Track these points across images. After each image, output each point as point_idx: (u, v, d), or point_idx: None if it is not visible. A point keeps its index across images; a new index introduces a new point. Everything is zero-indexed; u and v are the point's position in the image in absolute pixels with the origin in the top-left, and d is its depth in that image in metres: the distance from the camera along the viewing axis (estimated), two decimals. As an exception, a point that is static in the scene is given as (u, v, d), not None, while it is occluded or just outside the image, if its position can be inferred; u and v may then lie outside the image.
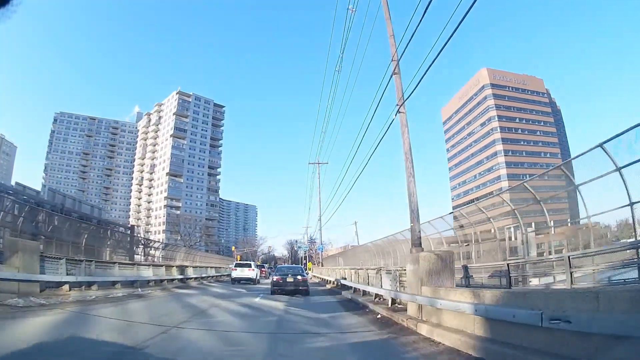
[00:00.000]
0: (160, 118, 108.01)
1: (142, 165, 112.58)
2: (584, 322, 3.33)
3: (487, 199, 13.83)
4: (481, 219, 12.59)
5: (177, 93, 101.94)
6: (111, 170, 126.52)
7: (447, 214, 14.12)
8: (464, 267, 11.66)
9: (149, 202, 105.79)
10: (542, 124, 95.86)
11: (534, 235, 11.37)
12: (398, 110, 9.13)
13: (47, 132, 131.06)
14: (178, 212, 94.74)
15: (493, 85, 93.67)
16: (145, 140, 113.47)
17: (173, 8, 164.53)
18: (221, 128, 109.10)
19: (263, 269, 40.17)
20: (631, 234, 7.68)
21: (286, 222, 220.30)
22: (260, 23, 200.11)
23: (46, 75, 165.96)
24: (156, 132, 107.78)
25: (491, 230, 12.16)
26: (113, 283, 13.86)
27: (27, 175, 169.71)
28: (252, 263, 28.36)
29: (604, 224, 8.75)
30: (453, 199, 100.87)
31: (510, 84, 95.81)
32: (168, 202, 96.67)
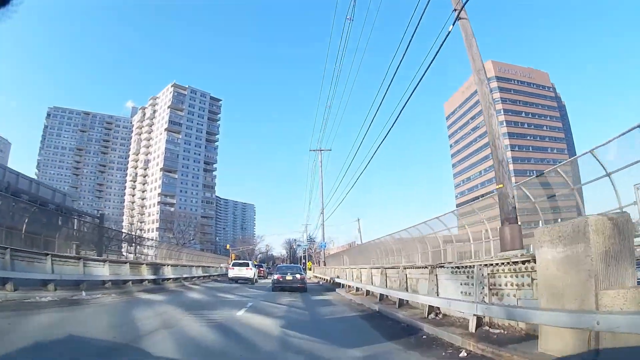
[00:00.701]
0: (155, 112, 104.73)
1: (136, 161, 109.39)
2: None
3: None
4: (492, 215, 11.32)
5: (172, 86, 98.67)
6: (105, 166, 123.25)
7: (455, 210, 13.26)
8: None
9: (143, 199, 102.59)
10: (549, 119, 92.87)
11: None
12: (458, 16, 6.14)
13: (41, 128, 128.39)
14: (172, 209, 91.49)
15: (498, 78, 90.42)
16: (139, 135, 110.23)
17: (170, 4, 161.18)
18: (217, 122, 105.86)
19: (261, 269, 39.93)
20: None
21: (285, 221, 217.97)
22: (256, 14, 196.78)
23: (40, 70, 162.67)
24: (150, 127, 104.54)
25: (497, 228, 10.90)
26: (45, 282, 10.62)
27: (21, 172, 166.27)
28: (250, 262, 27.89)
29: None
30: (457, 197, 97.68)
31: (516, 77, 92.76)
32: (162, 199, 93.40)
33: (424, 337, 6.16)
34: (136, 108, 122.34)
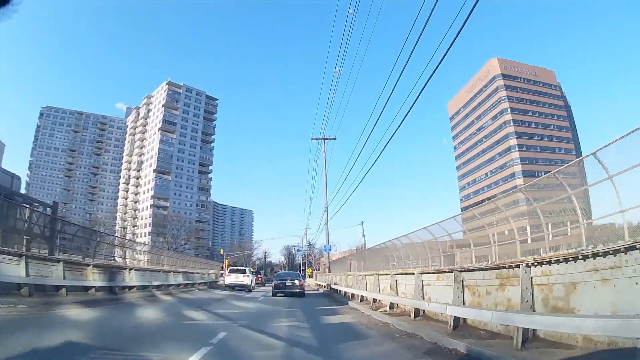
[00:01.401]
0: (149, 111, 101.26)
1: (130, 162, 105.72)
2: None
3: (505, 195, 11.80)
4: (498, 219, 10.60)
5: (167, 84, 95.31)
6: (98, 168, 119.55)
7: (457, 215, 12.79)
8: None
9: (136, 202, 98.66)
10: (556, 118, 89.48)
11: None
12: None
13: (34, 129, 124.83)
14: (166, 213, 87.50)
15: (504, 76, 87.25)
16: (133, 135, 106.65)
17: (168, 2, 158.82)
18: (214, 122, 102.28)
19: (259, 276, 38.78)
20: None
21: (283, 227, 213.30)
22: (254, 9, 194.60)
23: (33, 69, 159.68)
24: (144, 127, 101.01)
25: (505, 232, 10.64)
26: None
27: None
28: (247, 269, 27.11)
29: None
30: (462, 200, 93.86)
31: (521, 75, 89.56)
32: (155, 202, 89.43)
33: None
34: (131, 108, 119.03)
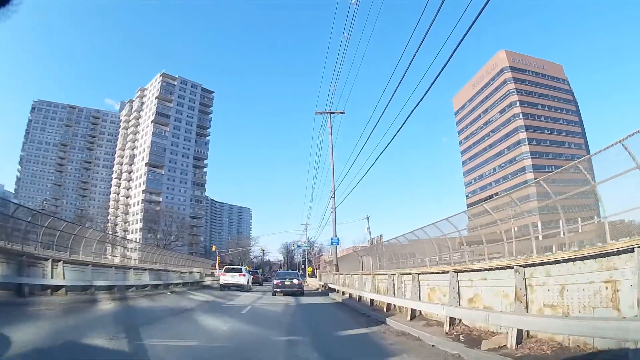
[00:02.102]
0: (142, 104, 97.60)
1: (122, 157, 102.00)
2: None
3: (517, 190, 10.80)
4: (508, 215, 10.07)
5: (161, 75, 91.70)
6: (90, 163, 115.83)
7: (464, 210, 12.01)
8: None
9: (127, 198, 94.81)
10: (565, 112, 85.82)
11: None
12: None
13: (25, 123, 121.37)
14: (158, 208, 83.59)
15: (513, 68, 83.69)
16: (126, 129, 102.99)
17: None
18: (210, 115, 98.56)
19: (256, 275, 38.03)
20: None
21: (282, 225, 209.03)
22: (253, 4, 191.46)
23: (27, 63, 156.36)
24: (137, 120, 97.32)
25: (515, 228, 9.89)
26: None
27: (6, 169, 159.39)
28: (243, 268, 26.87)
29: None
30: (467, 196, 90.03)
31: (530, 68, 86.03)
32: (146, 196, 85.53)
33: None
34: (124, 103, 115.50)
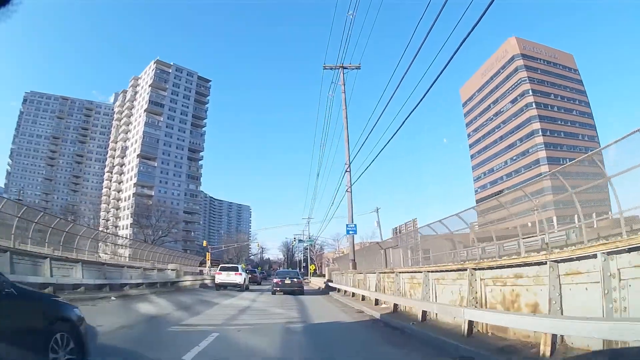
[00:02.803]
0: (136, 94, 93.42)
1: (115, 149, 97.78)
2: None
3: (530, 184, 11.09)
4: (521, 210, 10.34)
5: (155, 62, 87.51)
6: (82, 156, 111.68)
7: (474, 206, 12.48)
8: None
9: (119, 192, 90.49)
10: (577, 103, 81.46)
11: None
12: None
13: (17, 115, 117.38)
14: (150, 202, 79.14)
15: (524, 56, 79.40)
16: (119, 120, 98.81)
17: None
18: (206, 105, 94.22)
19: (254, 274, 36.83)
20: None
21: (282, 222, 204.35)
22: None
23: (18, 55, 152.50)
24: (130, 110, 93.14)
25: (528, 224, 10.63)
26: None
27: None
28: (240, 266, 26.46)
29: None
30: (477, 191, 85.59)
31: (541, 57, 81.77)
32: (138, 190, 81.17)
33: None
34: (118, 94, 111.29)
